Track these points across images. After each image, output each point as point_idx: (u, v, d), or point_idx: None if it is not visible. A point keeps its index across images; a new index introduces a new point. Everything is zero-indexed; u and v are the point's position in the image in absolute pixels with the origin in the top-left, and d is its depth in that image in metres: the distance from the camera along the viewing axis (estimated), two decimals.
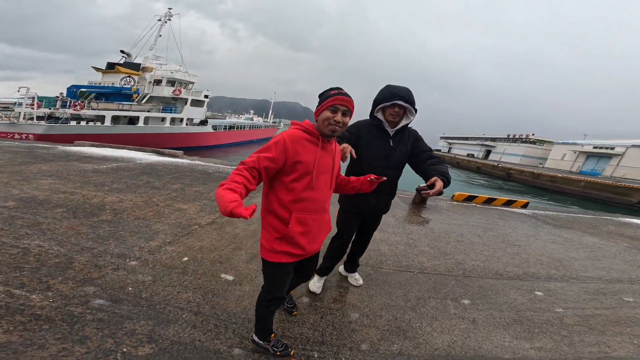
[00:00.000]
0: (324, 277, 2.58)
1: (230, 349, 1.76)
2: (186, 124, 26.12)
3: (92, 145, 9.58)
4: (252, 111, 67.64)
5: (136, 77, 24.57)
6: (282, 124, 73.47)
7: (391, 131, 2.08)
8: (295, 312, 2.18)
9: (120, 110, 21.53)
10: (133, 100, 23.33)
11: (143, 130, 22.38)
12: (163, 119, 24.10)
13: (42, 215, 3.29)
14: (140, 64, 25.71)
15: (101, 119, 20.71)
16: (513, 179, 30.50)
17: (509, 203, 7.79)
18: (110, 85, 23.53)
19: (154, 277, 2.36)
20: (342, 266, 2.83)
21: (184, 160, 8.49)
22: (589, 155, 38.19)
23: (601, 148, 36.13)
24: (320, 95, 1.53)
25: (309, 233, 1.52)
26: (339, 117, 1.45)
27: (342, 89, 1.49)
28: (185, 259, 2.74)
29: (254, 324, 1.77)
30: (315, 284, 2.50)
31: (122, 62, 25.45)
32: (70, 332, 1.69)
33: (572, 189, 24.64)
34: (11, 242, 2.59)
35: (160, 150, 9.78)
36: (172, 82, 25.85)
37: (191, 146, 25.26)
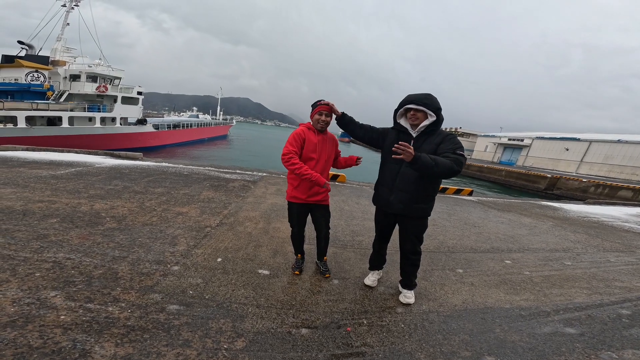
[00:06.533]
0: (375, 271, 2.77)
1: (298, 329, 2.03)
2: (120, 124, 23.97)
3: (27, 150, 8.46)
4: (195, 108, 63.58)
5: (46, 72, 21.69)
6: (234, 121, 70.34)
7: (414, 133, 2.23)
8: (328, 275, 2.81)
9: (35, 110, 18.56)
10: (48, 98, 20.51)
11: (70, 132, 19.92)
12: (91, 119, 21.79)
13: (38, 226, 3.07)
14: (48, 57, 22.76)
15: (12, 119, 17.66)
16: None
17: (458, 191, 9.06)
18: (14, 81, 20.30)
19: (203, 280, 2.47)
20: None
21: (149, 163, 8.02)
22: (506, 147, 41.35)
23: (514, 140, 39.77)
24: (313, 105, 2.52)
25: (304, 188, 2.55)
26: (323, 117, 2.49)
27: (324, 100, 2.50)
28: (220, 259, 2.87)
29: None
30: (370, 278, 2.73)
31: (22, 54, 22.18)
32: (172, 338, 1.77)
33: (496, 178, 28.42)
34: (34, 257, 2.45)
35: (115, 153, 9.08)
36: (93, 78, 23.29)
37: (130, 148, 23.12)
